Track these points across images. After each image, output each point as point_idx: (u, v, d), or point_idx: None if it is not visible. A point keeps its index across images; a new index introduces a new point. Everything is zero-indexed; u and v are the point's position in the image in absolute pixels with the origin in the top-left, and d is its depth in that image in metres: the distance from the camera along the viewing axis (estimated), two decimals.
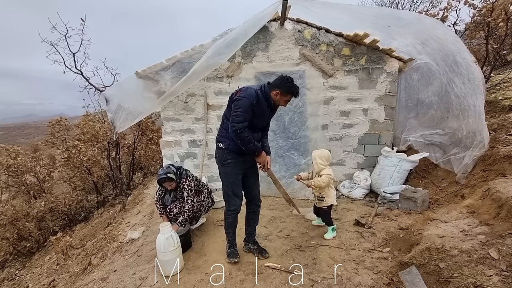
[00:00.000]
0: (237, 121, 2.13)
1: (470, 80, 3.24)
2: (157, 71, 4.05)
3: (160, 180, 2.89)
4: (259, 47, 4.16)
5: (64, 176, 7.50)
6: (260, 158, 2.34)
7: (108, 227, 4.22)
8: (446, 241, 1.95)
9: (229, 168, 2.37)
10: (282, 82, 2.24)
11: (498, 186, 2.30)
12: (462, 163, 3.13)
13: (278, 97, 2.27)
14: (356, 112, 4.29)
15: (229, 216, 2.51)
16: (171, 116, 4.42)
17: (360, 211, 3.35)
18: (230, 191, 2.43)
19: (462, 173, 3.07)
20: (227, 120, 2.29)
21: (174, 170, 2.94)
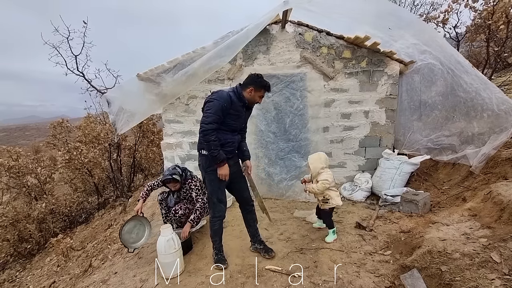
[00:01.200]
0: (206, 121, 2.15)
1: (479, 77, 3.24)
2: (159, 73, 4.06)
3: (166, 181, 2.91)
4: (260, 50, 4.18)
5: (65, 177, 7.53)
6: (221, 170, 2.27)
7: (108, 229, 4.22)
8: (447, 244, 1.94)
9: (213, 175, 2.35)
10: (253, 79, 2.31)
11: (499, 189, 2.29)
12: (480, 153, 3.10)
13: (252, 94, 2.30)
14: (357, 114, 4.29)
15: (215, 223, 2.50)
16: (172, 118, 4.43)
17: (361, 213, 3.34)
18: (215, 197, 2.43)
19: (479, 163, 3.03)
20: None
21: (180, 171, 2.97)
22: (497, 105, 3.13)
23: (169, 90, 4.06)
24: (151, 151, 8.22)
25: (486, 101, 3.25)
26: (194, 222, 2.84)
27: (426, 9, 8.43)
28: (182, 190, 3.05)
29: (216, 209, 2.46)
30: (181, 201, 3.03)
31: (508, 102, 3.02)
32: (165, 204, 3.08)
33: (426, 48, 3.80)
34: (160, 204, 3.09)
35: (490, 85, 3.19)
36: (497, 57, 4.40)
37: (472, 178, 3.12)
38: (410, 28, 3.78)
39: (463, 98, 3.54)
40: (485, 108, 3.29)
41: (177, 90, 3.98)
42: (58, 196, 7.56)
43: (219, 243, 2.57)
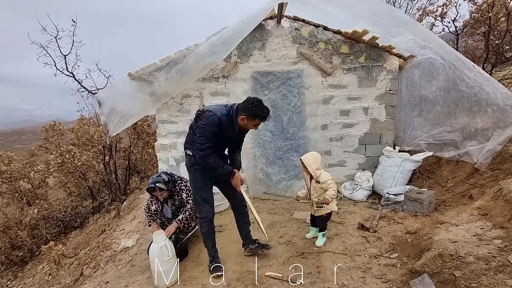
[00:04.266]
0: (200, 149, 2.15)
1: (482, 73, 3.14)
2: (151, 72, 3.90)
3: (149, 190, 2.73)
4: (256, 46, 4.04)
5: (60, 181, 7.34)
6: (234, 180, 2.32)
7: (102, 234, 4.07)
8: (459, 246, 1.82)
9: (197, 174, 2.35)
10: (247, 106, 2.13)
11: (511, 186, 2.17)
12: (484, 149, 2.99)
13: (245, 122, 2.17)
14: (356, 111, 4.17)
15: (203, 225, 2.41)
16: (166, 118, 4.28)
17: (364, 213, 3.22)
18: (199, 197, 2.38)
19: (485, 160, 2.92)
20: (192, 132, 2.31)
21: (166, 178, 2.75)
22: (502, 100, 3.03)
23: (162, 89, 3.91)
24: (146, 152, 8.05)
25: (491, 96, 3.14)
26: (181, 222, 2.68)
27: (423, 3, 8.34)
28: (175, 196, 2.85)
29: (202, 210, 2.39)
30: (177, 208, 2.86)
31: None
32: (160, 216, 2.89)
33: (426, 43, 3.69)
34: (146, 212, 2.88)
35: (493, 81, 3.10)
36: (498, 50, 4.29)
37: (478, 175, 3.00)
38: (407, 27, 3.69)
39: (466, 93, 3.43)
40: (490, 103, 3.19)
41: (170, 89, 3.84)
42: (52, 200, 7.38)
43: (213, 248, 2.44)
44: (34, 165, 7.33)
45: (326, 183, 2.47)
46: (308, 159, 2.51)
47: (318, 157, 2.56)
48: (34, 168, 7.27)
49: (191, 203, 2.76)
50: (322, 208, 2.58)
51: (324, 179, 2.51)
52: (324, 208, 2.57)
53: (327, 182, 2.47)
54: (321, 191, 2.57)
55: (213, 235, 2.46)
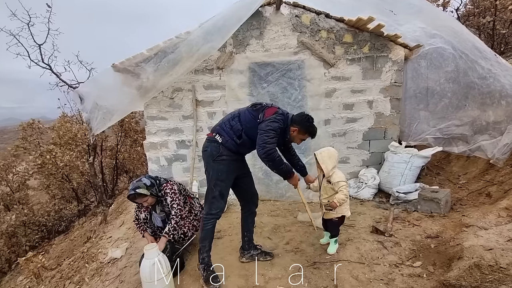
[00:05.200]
0: (269, 142, 2.01)
1: (501, 63, 2.93)
2: (137, 63, 3.53)
3: (130, 197, 2.37)
4: (253, 35, 3.72)
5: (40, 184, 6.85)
6: (292, 181, 2.25)
7: (87, 243, 3.71)
8: (497, 255, 1.60)
9: (222, 165, 2.15)
10: (302, 120, 2.18)
11: None
12: (501, 144, 2.80)
13: (295, 134, 2.21)
14: (360, 104, 3.93)
15: (209, 222, 2.18)
16: (156, 114, 3.92)
17: (373, 214, 3.00)
18: (217, 190, 2.15)
19: (502, 155, 2.73)
20: (238, 120, 2.17)
21: (148, 182, 2.40)
22: None
23: (151, 82, 3.56)
24: (135, 151, 7.64)
25: (506, 87, 2.95)
26: (169, 235, 2.33)
27: None
28: (163, 202, 2.50)
29: (215, 204, 2.16)
30: (168, 215, 2.53)
31: None
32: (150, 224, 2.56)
33: (437, 32, 3.46)
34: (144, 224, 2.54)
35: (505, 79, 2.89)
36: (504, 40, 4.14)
37: (493, 171, 2.83)
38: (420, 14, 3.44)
39: (478, 84, 3.24)
40: (504, 94, 3.00)
41: (160, 81, 3.49)
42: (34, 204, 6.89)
43: (208, 251, 2.19)
44: (13, 167, 6.82)
45: (338, 184, 2.22)
46: (323, 155, 2.26)
47: (334, 153, 2.29)
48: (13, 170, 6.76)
49: (175, 208, 2.41)
50: (332, 211, 2.34)
51: (336, 179, 2.26)
52: (334, 212, 2.33)
53: (338, 183, 2.21)
54: (332, 192, 2.32)
55: (213, 236, 2.25)
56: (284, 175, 2.19)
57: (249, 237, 2.46)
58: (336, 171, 2.32)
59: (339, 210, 2.31)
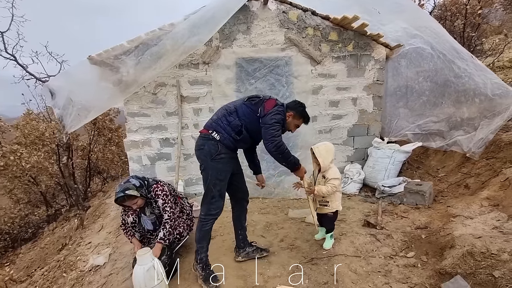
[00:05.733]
0: (277, 135, 1.99)
1: (476, 64, 3.12)
2: (117, 56, 3.29)
3: (118, 200, 2.18)
4: (240, 29, 3.64)
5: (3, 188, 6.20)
6: (299, 173, 2.21)
7: (62, 250, 3.41)
8: (487, 242, 1.70)
9: (221, 163, 2.07)
10: (296, 106, 2.22)
11: None
12: (476, 138, 2.99)
13: (290, 119, 2.20)
14: (345, 102, 4.02)
15: (208, 223, 2.12)
16: (137, 110, 3.70)
17: (362, 208, 3.08)
18: (217, 190, 2.08)
19: (478, 149, 2.91)
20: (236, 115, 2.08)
21: (137, 183, 2.24)
22: (491, 90, 3.06)
23: (132, 76, 3.34)
24: (109, 150, 7.21)
25: (480, 86, 3.16)
26: (165, 240, 2.20)
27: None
28: (153, 203, 2.36)
29: (214, 205, 2.09)
30: (159, 218, 2.39)
31: (505, 87, 2.95)
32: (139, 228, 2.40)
33: (417, 32, 3.63)
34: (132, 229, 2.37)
35: (487, 71, 3.10)
36: (473, 42, 4.45)
37: (470, 164, 3.02)
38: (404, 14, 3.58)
39: (454, 83, 3.44)
40: (478, 93, 3.21)
41: (142, 76, 3.28)
42: None
43: (206, 252, 2.15)
44: None
45: (330, 181, 2.24)
46: (320, 149, 2.26)
47: (332, 149, 2.30)
48: None
49: (168, 211, 2.29)
50: (326, 206, 2.36)
51: (331, 176, 2.27)
52: (328, 207, 2.35)
53: (331, 181, 2.24)
54: None
55: (210, 236, 2.19)
56: (292, 167, 2.14)
57: (243, 234, 2.42)
58: (333, 167, 2.33)
59: (333, 205, 2.34)
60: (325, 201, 2.36)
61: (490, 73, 3.06)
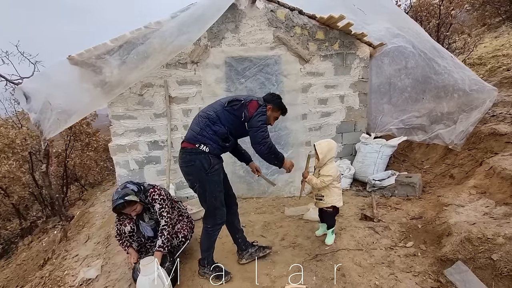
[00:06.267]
0: (267, 136, 1.98)
1: (455, 62, 3.31)
2: (100, 55, 3.11)
3: (118, 208, 2.04)
4: (228, 28, 3.59)
5: None
6: (286, 165, 2.18)
7: (45, 265, 3.16)
8: (482, 228, 1.81)
9: (217, 175, 2.04)
10: (273, 98, 2.19)
11: (501, 163, 2.30)
12: (457, 131, 3.18)
13: (269, 113, 2.15)
14: (334, 99, 4.11)
15: (216, 232, 2.15)
16: (122, 113, 3.53)
17: (356, 202, 3.17)
18: (219, 202, 2.07)
19: (460, 141, 3.10)
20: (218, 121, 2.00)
21: (135, 188, 2.14)
22: (469, 85, 3.27)
23: (116, 77, 3.17)
24: (87, 156, 6.82)
25: (458, 82, 3.37)
26: (164, 248, 2.11)
27: None
28: (151, 209, 2.25)
29: (219, 214, 2.09)
30: (158, 223, 2.28)
31: (481, 82, 3.17)
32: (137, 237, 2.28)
33: (400, 32, 3.79)
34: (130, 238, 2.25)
35: (465, 69, 3.31)
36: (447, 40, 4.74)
37: (452, 155, 3.21)
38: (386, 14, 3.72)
39: (434, 79, 3.64)
40: (456, 88, 3.42)
41: (129, 77, 3.13)
42: None
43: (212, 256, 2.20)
44: None
45: (321, 177, 2.29)
46: (322, 146, 2.30)
47: (333, 147, 2.33)
48: None
49: (165, 217, 2.21)
50: (321, 201, 2.40)
51: (323, 172, 2.31)
52: (323, 201, 2.39)
53: (322, 177, 2.29)
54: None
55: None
56: (281, 163, 2.13)
57: (242, 237, 2.38)
58: (330, 164, 2.36)
59: (328, 200, 2.38)
60: (320, 195, 2.41)
61: (468, 70, 3.27)
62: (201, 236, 2.16)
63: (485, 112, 3.06)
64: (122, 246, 2.25)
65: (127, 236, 2.21)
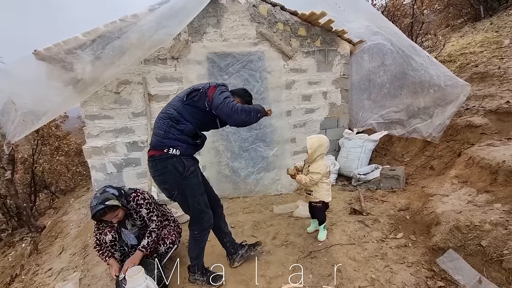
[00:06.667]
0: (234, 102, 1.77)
1: (431, 60, 3.44)
2: (70, 50, 2.86)
3: (98, 215, 1.84)
4: (209, 22, 3.47)
5: None
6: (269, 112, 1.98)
7: (13, 282, 2.86)
8: (468, 216, 1.88)
9: (195, 177, 1.90)
10: (244, 94, 2.08)
11: (479, 153, 2.42)
12: (435, 124, 3.31)
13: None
14: (317, 96, 4.14)
15: (204, 238, 2.02)
16: (97, 112, 3.29)
17: (343, 197, 3.20)
18: (202, 205, 1.94)
19: (438, 133, 3.23)
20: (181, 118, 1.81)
21: (115, 192, 1.97)
22: (444, 81, 3.43)
23: (89, 73, 2.94)
24: (57, 161, 6.33)
25: (434, 78, 3.52)
26: (147, 249, 1.98)
27: None
28: (134, 214, 2.09)
29: (205, 218, 1.96)
30: (142, 230, 2.12)
31: (455, 78, 3.33)
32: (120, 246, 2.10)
33: (379, 30, 3.89)
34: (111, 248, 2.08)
35: (440, 65, 3.46)
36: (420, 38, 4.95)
37: (431, 147, 3.34)
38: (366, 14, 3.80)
39: (412, 75, 3.77)
40: (432, 84, 3.57)
41: (104, 74, 2.90)
42: None
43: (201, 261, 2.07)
44: None
45: (310, 174, 2.27)
46: (312, 141, 2.26)
47: (324, 143, 2.30)
48: None
49: (155, 221, 2.08)
50: (310, 195, 2.39)
51: (312, 169, 2.29)
52: (311, 196, 2.38)
53: (311, 174, 2.27)
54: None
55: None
56: (264, 112, 1.91)
57: (230, 240, 2.27)
58: (319, 160, 2.34)
59: (317, 195, 2.36)
60: (309, 190, 2.39)
61: (442, 67, 3.42)
62: (189, 244, 2.03)
63: (459, 106, 3.21)
64: (101, 256, 2.06)
65: (108, 246, 2.03)
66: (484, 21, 6.35)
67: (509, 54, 4.04)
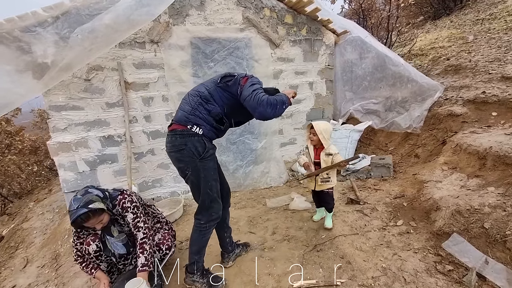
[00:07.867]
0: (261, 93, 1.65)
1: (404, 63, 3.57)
2: (28, 27, 2.41)
3: (79, 220, 1.56)
4: (192, 4, 3.18)
5: None
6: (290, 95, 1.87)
7: None
8: (466, 200, 1.95)
9: (212, 161, 1.80)
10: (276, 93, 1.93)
11: (466, 141, 2.54)
12: (414, 116, 3.45)
13: None
14: (303, 86, 4.08)
15: (210, 229, 1.87)
16: (64, 102, 2.87)
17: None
18: (214, 192, 1.81)
19: (418, 124, 3.38)
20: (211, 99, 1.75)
21: (100, 193, 1.70)
22: (420, 78, 3.59)
23: (54, 57, 2.52)
24: (9, 161, 5.55)
25: (412, 74, 3.66)
26: (149, 266, 1.73)
27: None
28: (120, 219, 1.84)
29: (214, 208, 1.82)
30: (130, 236, 1.87)
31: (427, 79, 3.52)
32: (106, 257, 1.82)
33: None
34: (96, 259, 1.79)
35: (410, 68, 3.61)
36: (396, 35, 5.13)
37: (414, 136, 3.48)
38: None
39: (392, 70, 3.88)
40: (410, 79, 3.71)
41: (72, 58, 2.50)
42: None
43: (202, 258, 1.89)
44: None
45: (336, 155, 2.20)
46: (320, 126, 2.15)
47: (330, 127, 2.22)
48: None
49: (143, 228, 1.81)
50: (329, 182, 2.30)
51: (335, 150, 2.22)
52: (330, 182, 2.30)
53: (337, 155, 2.19)
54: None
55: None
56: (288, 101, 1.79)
57: (231, 237, 2.18)
58: (332, 145, 2.27)
59: (334, 179, 2.31)
60: (328, 177, 2.29)
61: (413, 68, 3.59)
62: (192, 236, 1.84)
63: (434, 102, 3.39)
64: (85, 270, 1.77)
65: (92, 257, 1.75)
66: (443, 19, 6.82)
67: (475, 48, 4.34)
